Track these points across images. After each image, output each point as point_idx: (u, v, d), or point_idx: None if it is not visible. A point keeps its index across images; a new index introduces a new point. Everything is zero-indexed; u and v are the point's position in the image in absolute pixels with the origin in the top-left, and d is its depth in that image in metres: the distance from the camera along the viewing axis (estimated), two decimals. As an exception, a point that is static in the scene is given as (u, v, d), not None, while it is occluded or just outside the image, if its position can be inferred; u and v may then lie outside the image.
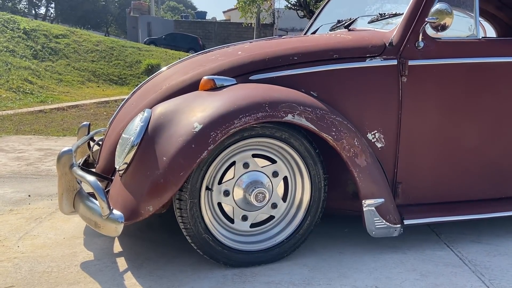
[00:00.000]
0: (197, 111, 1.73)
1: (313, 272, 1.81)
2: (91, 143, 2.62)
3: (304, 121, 1.76)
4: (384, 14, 2.26)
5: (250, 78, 1.97)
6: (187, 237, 1.76)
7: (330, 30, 2.69)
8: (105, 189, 2.09)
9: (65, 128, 6.28)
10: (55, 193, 2.88)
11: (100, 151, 2.28)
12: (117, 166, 1.82)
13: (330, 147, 1.81)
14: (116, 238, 2.13)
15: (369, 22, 2.36)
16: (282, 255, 1.88)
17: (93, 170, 2.16)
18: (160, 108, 1.82)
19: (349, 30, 2.40)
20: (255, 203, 1.79)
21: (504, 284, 1.74)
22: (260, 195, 1.79)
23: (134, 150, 1.74)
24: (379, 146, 2.02)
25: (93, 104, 10.18)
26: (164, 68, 2.42)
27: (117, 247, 2.04)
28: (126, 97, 2.39)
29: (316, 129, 1.77)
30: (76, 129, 6.17)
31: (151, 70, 14.20)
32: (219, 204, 1.84)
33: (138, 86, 2.39)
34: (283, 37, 2.54)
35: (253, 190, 1.80)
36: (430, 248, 2.06)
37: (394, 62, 2.02)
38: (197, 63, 2.19)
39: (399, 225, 1.96)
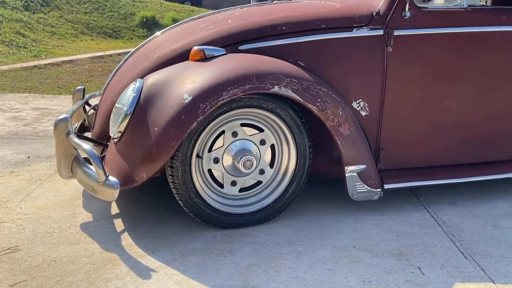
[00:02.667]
0: (187, 82, 1.80)
1: (296, 232, 1.95)
2: (87, 108, 2.68)
3: (290, 92, 1.83)
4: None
5: (239, 48, 2.03)
6: (180, 202, 1.88)
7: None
8: (101, 154, 2.20)
9: (60, 85, 6.29)
10: (54, 155, 2.98)
11: (95, 117, 2.36)
12: (111, 134, 1.91)
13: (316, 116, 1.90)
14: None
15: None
16: (269, 218, 2.02)
17: (89, 136, 2.25)
18: (152, 78, 1.89)
19: (339, -4, 2.42)
20: (243, 170, 1.90)
21: (473, 245, 1.89)
22: (248, 162, 1.90)
23: (128, 119, 1.82)
24: (363, 115, 2.11)
25: (88, 59, 10.08)
26: (158, 33, 2.46)
27: (114, 209, 2.17)
28: (121, 51, 2.44)
29: (301, 100, 1.85)
30: (71, 86, 6.20)
31: (146, 22, 13.95)
32: (209, 171, 1.95)
33: (131, 52, 2.43)
34: (274, 2, 2.56)
35: (241, 157, 1.90)
36: (408, 210, 2.20)
37: (380, 32, 2.06)
38: (187, 30, 2.23)
39: (379, 189, 2.08)
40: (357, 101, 2.10)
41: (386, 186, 2.10)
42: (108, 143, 2.13)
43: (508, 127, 2.31)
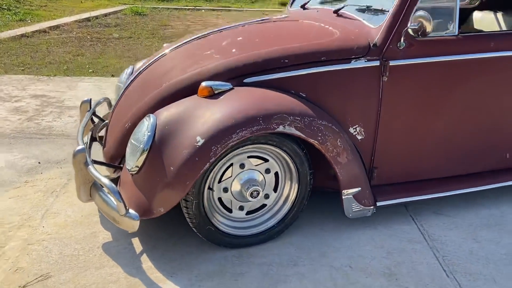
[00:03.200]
0: (199, 123, 1.95)
1: (298, 251, 2.18)
2: (94, 118, 2.81)
3: (294, 130, 1.99)
4: (371, 7, 2.37)
5: (244, 81, 2.16)
6: (194, 228, 2.08)
7: (320, 3, 2.81)
8: (114, 172, 2.37)
9: (51, 61, 6.28)
10: (62, 159, 3.13)
11: (106, 135, 2.50)
12: (128, 167, 2.07)
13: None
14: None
15: (357, 10, 2.48)
16: (272, 237, 2.23)
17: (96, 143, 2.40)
18: (164, 116, 2.02)
19: (338, 15, 2.53)
20: (250, 199, 2.09)
21: (455, 261, 2.13)
22: (255, 192, 2.08)
23: (144, 156, 1.97)
24: (359, 138, 2.29)
25: (74, 23, 9.91)
26: (166, 51, 2.55)
27: (123, 230, 2.35)
28: (106, 11, 2.56)
29: (304, 136, 2.02)
30: (63, 62, 6.19)
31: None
32: (219, 199, 2.13)
33: (140, 71, 2.52)
34: (274, 20, 2.65)
35: (249, 187, 2.08)
36: (398, 223, 2.42)
37: (377, 63, 2.20)
38: (193, 58, 2.34)
39: (372, 207, 2.29)
40: (354, 127, 2.27)
41: (378, 204, 2.31)
42: (121, 165, 2.30)
43: (489, 143, 2.51)
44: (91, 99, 2.86)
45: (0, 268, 2.02)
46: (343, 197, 2.20)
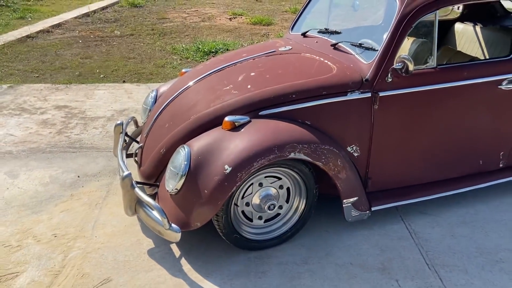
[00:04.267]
0: (225, 154, 2.41)
1: (308, 252, 2.67)
2: (126, 138, 3.25)
3: (303, 156, 2.46)
4: (362, 44, 2.81)
5: (260, 114, 2.62)
6: (223, 237, 2.57)
7: (318, 33, 3.24)
8: (149, 188, 2.84)
9: (63, 66, 6.64)
10: (97, 172, 3.59)
11: (141, 157, 2.96)
12: (168, 189, 2.53)
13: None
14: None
15: (351, 44, 2.91)
16: (285, 240, 2.72)
17: (139, 177, 2.86)
18: (197, 147, 2.47)
19: (334, 48, 2.97)
20: (268, 211, 2.57)
21: (435, 255, 2.63)
22: (272, 206, 2.57)
23: (183, 181, 2.44)
24: (355, 155, 2.76)
25: (75, 20, 10.21)
26: (190, 83, 2.99)
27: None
28: (103, 4, 3.00)
29: (311, 160, 2.49)
30: (74, 67, 6.57)
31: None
32: (242, 211, 2.61)
33: (168, 101, 2.96)
34: (279, 53, 3.08)
35: (266, 202, 2.56)
36: (389, 223, 2.92)
37: (369, 94, 2.66)
38: (216, 93, 2.78)
39: (368, 211, 2.78)
40: (351, 146, 2.74)
41: (373, 208, 2.80)
42: (157, 183, 2.77)
43: (463, 153, 2.99)
44: (123, 122, 3.29)
45: (69, 275, 2.50)
46: (343, 205, 2.68)
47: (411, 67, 2.53)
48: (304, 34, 3.37)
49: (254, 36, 8.76)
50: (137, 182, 2.70)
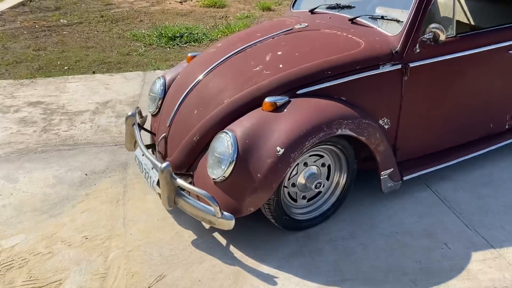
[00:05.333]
0: (275, 135, 2.36)
1: (352, 226, 2.70)
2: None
3: (348, 131, 2.47)
4: (384, 17, 2.84)
5: (297, 92, 2.58)
6: (273, 220, 2.54)
7: (328, 8, 3.23)
8: (182, 177, 2.72)
9: (16, 59, 6.18)
10: (105, 168, 3.40)
11: (166, 148, 2.83)
12: (214, 177, 2.44)
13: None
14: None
15: (371, 17, 2.93)
16: (327, 217, 2.74)
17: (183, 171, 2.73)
18: (241, 132, 2.40)
19: (352, 23, 2.98)
20: (315, 189, 2.57)
21: (470, 217, 2.76)
22: (318, 184, 2.56)
23: (232, 167, 2.36)
24: (386, 128, 2.81)
25: (11, 10, 9.48)
26: (210, 67, 2.84)
27: (201, 226, 2.75)
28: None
29: (355, 135, 2.50)
30: (27, 58, 6.12)
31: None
32: (288, 192, 2.59)
33: (189, 88, 2.83)
34: (297, 30, 3.04)
35: (312, 181, 2.55)
36: (417, 191, 3.02)
37: (399, 66, 2.71)
38: (244, 74, 2.70)
39: (400, 181, 2.86)
40: (382, 119, 2.78)
41: (405, 178, 2.88)
42: (190, 172, 2.67)
43: (478, 117, 3.15)
44: (135, 113, 3.12)
45: (119, 275, 2.37)
46: (381, 177, 2.73)
47: (442, 36, 2.60)
48: (312, 11, 3.35)
49: (212, 19, 8.58)
50: (178, 174, 2.58)
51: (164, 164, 2.48)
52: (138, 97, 4.75)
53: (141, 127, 3.17)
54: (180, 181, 2.47)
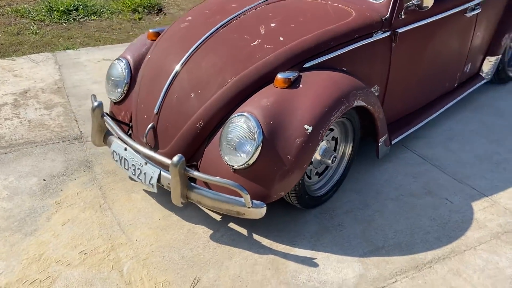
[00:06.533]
0: (299, 113, 2.23)
1: (360, 195, 2.73)
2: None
3: (362, 102, 2.46)
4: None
5: (304, 66, 2.48)
6: (296, 201, 2.44)
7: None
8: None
9: None
10: (65, 169, 2.93)
11: (157, 138, 2.53)
12: (236, 164, 2.24)
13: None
14: (200, 207, 2.58)
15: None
16: (336, 191, 2.72)
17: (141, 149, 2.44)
18: (263, 113, 2.21)
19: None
20: (331, 164, 2.52)
21: (454, 170, 2.98)
22: (334, 158, 2.52)
23: (259, 151, 2.19)
24: (376, 95, 2.86)
25: None
26: (196, 44, 2.54)
27: (213, 216, 2.54)
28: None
29: (367, 105, 2.50)
30: None
31: None
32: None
33: (176, 70, 2.52)
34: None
35: (326, 155, 2.50)
36: (399, 153, 3.15)
37: (389, 33, 2.75)
38: (242, 49, 2.49)
39: (390, 146, 2.96)
40: (374, 87, 2.83)
41: (393, 142, 2.99)
42: (194, 163, 2.44)
43: (440, 76, 3.38)
44: (101, 102, 2.72)
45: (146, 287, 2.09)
46: (379, 144, 2.79)
47: (430, 3, 2.68)
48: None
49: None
50: (189, 166, 2.32)
51: (177, 157, 2.22)
52: (62, 83, 4.15)
53: (114, 118, 2.78)
54: (198, 174, 2.23)
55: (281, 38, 2.51)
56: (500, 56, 3.88)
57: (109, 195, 2.69)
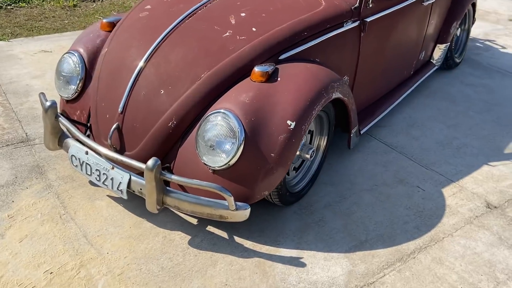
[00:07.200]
0: (281, 108, 2.13)
1: (334, 187, 2.70)
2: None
3: (339, 94, 2.40)
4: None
5: (280, 58, 2.37)
6: (277, 199, 2.35)
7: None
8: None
9: None
10: (13, 178, 2.64)
11: (122, 137, 2.32)
12: (216, 165, 2.10)
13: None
14: (173, 211, 2.42)
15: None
16: (313, 184, 2.67)
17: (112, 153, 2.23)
18: (242, 110, 2.09)
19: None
20: (310, 158, 2.45)
21: (420, 157, 3.03)
22: (312, 152, 2.45)
23: (241, 150, 2.06)
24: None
25: None
26: (162, 36, 2.35)
27: (189, 220, 2.39)
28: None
29: (342, 97, 2.44)
30: None
31: None
32: (284, 166, 2.41)
33: (141, 64, 2.31)
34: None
35: (305, 150, 2.42)
36: (365, 142, 3.16)
37: (358, 22, 2.71)
38: (214, 42, 2.33)
39: (359, 136, 2.95)
40: (344, 77, 2.79)
41: (361, 132, 2.98)
42: (167, 164, 2.27)
43: (400, 64, 3.42)
44: (55, 101, 2.46)
45: (131, 307, 1.91)
46: (351, 135, 2.77)
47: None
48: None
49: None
50: (163, 168, 2.15)
51: (152, 161, 2.05)
52: (-5, 80, 3.73)
53: (69, 118, 2.52)
54: (177, 178, 2.07)
55: (254, 29, 2.38)
56: (449, 43, 4.01)
57: (70, 204, 2.45)
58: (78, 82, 2.56)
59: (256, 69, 2.21)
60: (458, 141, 3.25)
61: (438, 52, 3.99)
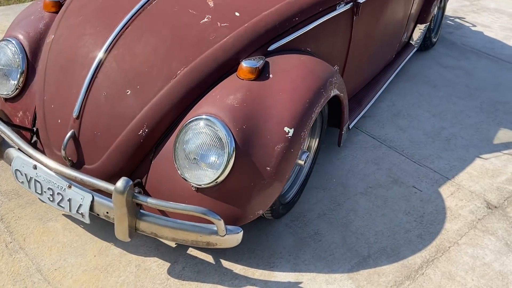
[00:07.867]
0: (275, 113, 1.79)
1: (327, 192, 2.41)
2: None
3: (336, 91, 2.09)
4: None
5: (269, 49, 2.01)
6: (269, 214, 2.03)
7: None
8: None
9: None
10: None
11: (80, 148, 1.91)
12: (198, 182, 1.74)
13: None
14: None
15: None
16: (303, 190, 2.37)
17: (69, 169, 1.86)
18: (230, 115, 1.73)
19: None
20: (304, 164, 2.14)
21: (411, 152, 2.80)
22: (307, 157, 2.13)
23: (232, 163, 1.71)
24: (336, 74, 2.52)
25: None
26: (122, 24, 1.93)
27: (166, 245, 2.04)
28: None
29: (339, 93, 2.13)
30: None
31: None
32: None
33: (100, 58, 1.88)
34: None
35: (302, 155, 2.10)
36: (353, 136, 2.89)
37: (351, 4, 2.38)
38: (191, 29, 1.93)
39: (349, 131, 2.67)
40: (335, 66, 2.47)
41: (350, 126, 2.70)
42: (138, 180, 1.90)
43: (385, 48, 3.14)
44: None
45: None
46: (343, 132, 2.47)
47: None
48: None
49: None
50: (140, 190, 1.77)
51: (123, 182, 1.66)
52: None
53: (11, 124, 2.05)
54: (155, 202, 1.69)
55: (237, 14, 1.99)
56: (428, 23, 3.77)
57: (17, 228, 2.01)
58: (18, 76, 2.10)
59: (244, 64, 1.84)
60: (446, 131, 3.05)
61: (418, 32, 3.75)
